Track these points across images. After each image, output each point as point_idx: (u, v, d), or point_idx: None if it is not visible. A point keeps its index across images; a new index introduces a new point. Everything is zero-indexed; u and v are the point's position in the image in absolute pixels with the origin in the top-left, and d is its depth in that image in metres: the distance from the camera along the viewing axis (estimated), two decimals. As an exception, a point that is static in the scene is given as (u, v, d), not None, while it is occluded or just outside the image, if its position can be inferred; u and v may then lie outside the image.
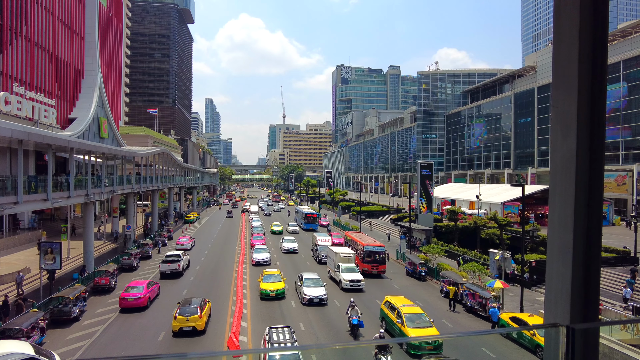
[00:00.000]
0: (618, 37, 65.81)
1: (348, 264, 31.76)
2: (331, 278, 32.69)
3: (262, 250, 39.27)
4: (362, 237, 40.08)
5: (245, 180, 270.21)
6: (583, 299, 1.85)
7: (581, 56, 1.85)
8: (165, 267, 32.73)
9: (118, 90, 78.27)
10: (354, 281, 29.65)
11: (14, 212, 28.81)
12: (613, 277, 29.70)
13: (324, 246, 39.80)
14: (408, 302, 22.39)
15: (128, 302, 24.23)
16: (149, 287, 25.90)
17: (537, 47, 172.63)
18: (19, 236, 39.65)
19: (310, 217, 63.55)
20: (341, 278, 30.03)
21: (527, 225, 35.97)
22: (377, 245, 35.77)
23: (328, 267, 34.66)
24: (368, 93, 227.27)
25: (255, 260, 37.44)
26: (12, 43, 39.16)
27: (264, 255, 38.13)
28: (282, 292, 27.41)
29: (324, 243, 40.56)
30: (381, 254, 34.88)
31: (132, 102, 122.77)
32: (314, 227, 61.61)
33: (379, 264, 34.46)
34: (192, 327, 20.71)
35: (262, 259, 37.45)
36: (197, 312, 20.92)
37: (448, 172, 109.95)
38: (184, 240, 45.04)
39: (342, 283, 29.71)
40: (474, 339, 19.18)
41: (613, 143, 60.34)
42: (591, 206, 1.88)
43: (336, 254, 32.72)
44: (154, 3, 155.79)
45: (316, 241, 41.45)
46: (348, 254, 33.02)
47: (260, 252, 38.76)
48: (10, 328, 18.34)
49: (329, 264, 34.68)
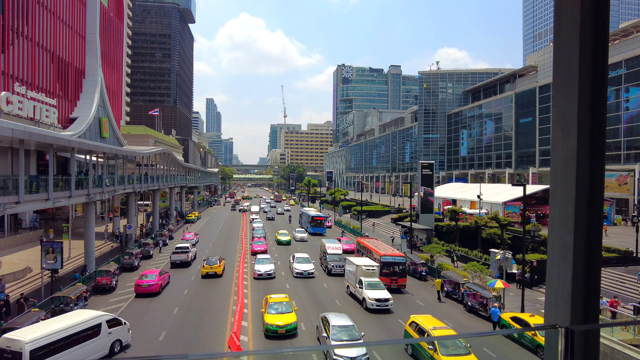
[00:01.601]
0: (619, 37, 65.68)
1: (372, 278, 27.15)
2: (351, 295, 28.24)
3: (265, 261, 33.87)
4: (377, 245, 35.23)
5: (246, 180, 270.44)
6: (583, 300, 1.84)
7: (582, 56, 1.85)
8: (175, 257, 36.87)
9: (119, 90, 78.37)
10: (381, 300, 25.02)
11: (15, 212, 28.86)
12: (614, 277, 29.65)
13: (334, 255, 35.62)
14: (439, 323, 19.29)
15: (143, 288, 27.45)
16: (160, 275, 29.12)
17: (539, 47, 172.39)
18: (21, 236, 39.74)
19: (317, 220, 58.54)
20: (365, 296, 25.54)
21: (528, 225, 35.93)
22: (396, 256, 31.49)
23: (346, 281, 29.97)
24: (369, 93, 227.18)
25: (258, 272, 32.21)
26: (13, 43, 39.21)
27: (268, 267, 32.85)
28: (293, 327, 20.82)
29: (333, 251, 36.15)
30: (401, 265, 30.80)
31: (133, 102, 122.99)
32: (321, 231, 57.37)
33: (398, 277, 30.14)
34: (214, 272, 32.71)
35: (265, 272, 32.29)
36: (217, 263, 33.22)
37: (449, 172, 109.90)
38: (189, 236, 47.91)
39: (367, 302, 25.18)
40: (475, 338, 19.12)
41: (614, 143, 60.24)
42: (592, 206, 1.87)
43: (357, 266, 27.99)
44: (155, 3, 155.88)
45: (325, 249, 36.90)
46: (371, 267, 28.24)
47: (263, 263, 33.45)
48: (12, 327, 18.36)
49: (347, 277, 29.92)
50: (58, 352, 15.67)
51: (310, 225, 58.48)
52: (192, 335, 20.91)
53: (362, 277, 27.15)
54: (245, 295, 27.58)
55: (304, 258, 35.12)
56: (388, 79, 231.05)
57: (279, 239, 49.42)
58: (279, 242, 48.84)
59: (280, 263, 38.03)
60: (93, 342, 17.64)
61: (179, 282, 31.56)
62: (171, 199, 71.40)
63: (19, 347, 14.71)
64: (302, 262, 34.32)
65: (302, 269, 33.19)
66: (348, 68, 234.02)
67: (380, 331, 21.89)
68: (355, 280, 27.73)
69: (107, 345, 18.43)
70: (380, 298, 25.16)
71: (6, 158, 36.02)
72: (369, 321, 23.31)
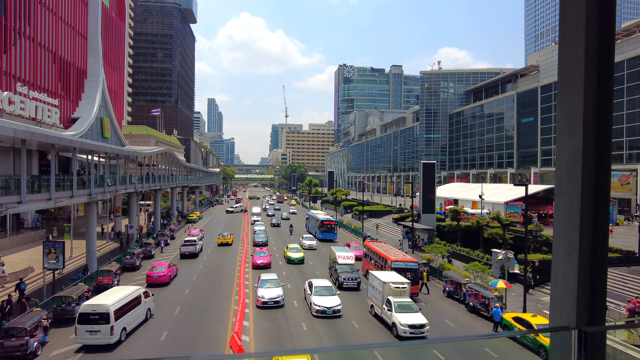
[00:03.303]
0: (622, 36, 65.48)
1: (402, 298, 22.76)
2: (375, 316, 24.04)
3: (271, 283, 26.40)
4: (387, 250, 32.32)
5: (248, 180, 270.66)
6: (590, 300, 1.82)
7: (587, 53, 1.83)
8: (184, 249, 40.73)
9: (121, 90, 78.49)
10: (416, 327, 20.66)
11: (17, 212, 28.91)
12: (617, 277, 29.56)
13: (346, 265, 31.27)
14: None
15: (153, 278, 29.90)
16: (169, 267, 31.67)
17: (540, 46, 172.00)
18: (23, 235, 39.84)
19: (326, 225, 52.60)
20: (395, 321, 21.27)
21: (530, 225, 35.83)
22: (408, 261, 29.08)
23: (369, 299, 25.41)
24: (370, 92, 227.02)
25: (262, 300, 24.94)
26: (15, 43, 39.30)
27: (274, 291, 25.51)
28: None
29: (345, 261, 31.86)
30: (414, 271, 28.36)
31: (134, 102, 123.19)
32: (332, 237, 51.76)
33: (411, 284, 26.71)
34: (226, 242, 46.75)
35: (271, 299, 24.98)
36: (228, 236, 47.62)
37: (451, 172, 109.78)
38: (195, 232, 50.55)
39: (398, 329, 20.93)
40: (478, 340, 19.05)
41: (617, 142, 60.08)
42: (598, 206, 1.84)
43: (384, 283, 23.50)
44: (156, 3, 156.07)
45: (335, 258, 32.70)
46: (402, 285, 23.58)
47: (268, 285, 26.15)
48: (14, 327, 18.40)
49: (371, 295, 25.20)
50: (123, 315, 20.22)
51: (319, 231, 52.94)
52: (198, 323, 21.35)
53: (391, 297, 22.70)
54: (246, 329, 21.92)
55: (326, 287, 25.54)
56: (389, 79, 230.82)
57: (289, 256, 38.53)
58: (290, 261, 38.23)
59: (291, 286, 30.37)
60: (138, 308, 21.91)
61: (185, 275, 33.79)
62: (173, 198, 71.47)
63: (105, 309, 19.22)
64: (324, 292, 24.96)
65: (323, 305, 23.74)
66: (349, 68, 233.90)
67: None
68: (381, 300, 23.43)
69: (144, 311, 22.71)
70: (414, 324, 20.78)
71: (8, 158, 36.08)
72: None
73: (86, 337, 19.05)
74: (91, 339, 19.03)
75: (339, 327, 22.59)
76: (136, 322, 21.63)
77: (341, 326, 22.63)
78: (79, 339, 19.14)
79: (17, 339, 17.92)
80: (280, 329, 22.09)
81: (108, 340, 19.08)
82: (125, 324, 20.38)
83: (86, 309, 19.42)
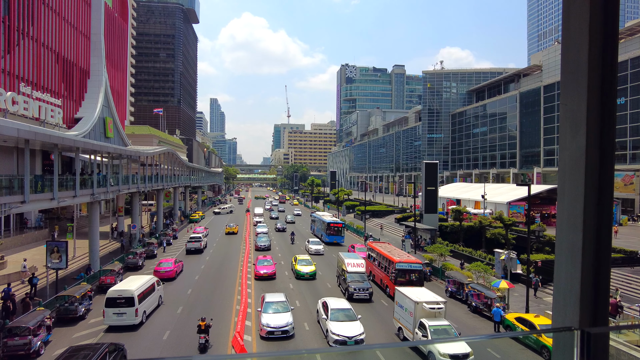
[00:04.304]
0: (625, 36, 65.19)
1: (439, 322, 19.51)
2: (405, 339, 20.85)
3: (278, 306, 21.80)
4: (391, 250, 31.81)
5: (250, 180, 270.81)
6: (593, 301, 1.81)
7: (591, 52, 1.81)
8: (190, 245, 42.83)
9: (123, 90, 78.72)
10: (459, 357, 17.34)
11: (20, 211, 29.02)
12: (621, 277, 29.45)
13: (356, 274, 28.21)
14: None
15: (161, 273, 31.11)
16: (175, 263, 33.41)
17: (543, 46, 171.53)
18: (26, 235, 40.01)
19: (333, 227, 50.36)
20: (433, 350, 17.62)
21: (532, 225, 35.74)
22: (412, 262, 28.50)
23: (396, 320, 21.94)
24: (373, 92, 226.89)
25: (267, 329, 20.39)
26: (19, 43, 39.46)
27: (282, 318, 20.90)
28: None
29: (355, 269, 28.61)
30: (418, 272, 27.97)
31: (137, 102, 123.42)
32: (339, 240, 49.55)
33: (415, 285, 26.57)
34: (232, 231, 55.26)
35: (278, 327, 20.44)
36: (234, 226, 56.38)
37: (453, 172, 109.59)
38: (200, 229, 51.73)
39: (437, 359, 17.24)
40: (480, 339, 18.95)
41: (620, 142, 59.84)
42: (601, 205, 1.83)
43: (415, 303, 20.10)
44: (159, 3, 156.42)
45: (344, 266, 29.30)
46: (437, 305, 20.42)
47: (274, 309, 21.56)
48: (17, 326, 18.48)
49: (398, 316, 21.75)
50: (143, 299, 22.58)
51: (325, 234, 50.71)
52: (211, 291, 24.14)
53: (425, 320, 19.46)
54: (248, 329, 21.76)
55: (345, 311, 21.21)
56: (392, 79, 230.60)
57: (298, 270, 32.99)
58: (299, 276, 32.75)
59: (300, 302, 26.57)
60: (153, 295, 24.37)
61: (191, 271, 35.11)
62: (175, 198, 71.61)
63: (130, 294, 21.54)
64: (343, 317, 20.78)
65: (343, 334, 19.61)
66: (352, 68, 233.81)
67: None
68: (412, 323, 20.09)
69: (157, 298, 25.19)
70: (457, 354, 17.22)
71: (12, 158, 36.23)
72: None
73: (114, 319, 21.24)
74: (118, 320, 21.23)
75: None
76: (152, 306, 24.11)
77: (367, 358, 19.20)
78: (107, 321, 21.35)
79: (20, 338, 18.01)
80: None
81: (133, 321, 21.35)
82: (145, 308, 22.73)
83: (113, 294, 21.56)
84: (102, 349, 15.91)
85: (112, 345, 16.96)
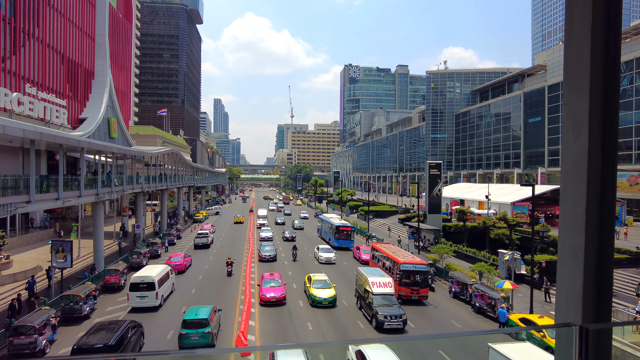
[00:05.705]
0: (631, 35, 64.74)
1: None
2: None
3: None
4: (395, 251, 31.16)
5: (254, 180, 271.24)
6: (595, 299, 1.82)
7: (593, 53, 1.82)
8: (198, 240, 45.66)
9: (128, 91, 79.07)
10: None
11: (26, 211, 29.22)
12: (625, 278, 29.26)
13: (382, 296, 22.87)
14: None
15: (171, 267, 31.60)
16: (184, 257, 35.69)
17: (548, 46, 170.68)
18: (32, 234, 40.27)
19: (343, 231, 46.52)
20: None
21: (537, 226, 35.57)
22: (417, 263, 27.74)
23: None
24: (376, 92, 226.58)
25: None
26: (24, 45, 39.74)
27: None
28: None
29: (381, 290, 23.31)
30: (423, 274, 27.26)
31: (141, 102, 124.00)
32: (348, 245, 46.14)
33: (420, 287, 26.62)
34: (239, 221, 69.49)
35: None
36: (241, 217, 71.36)
37: (457, 172, 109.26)
38: (207, 227, 54.12)
39: None
40: (481, 338, 18.90)
41: (625, 142, 59.44)
42: (603, 206, 1.84)
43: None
44: (163, 4, 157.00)
45: (367, 285, 23.98)
46: None
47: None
48: (23, 325, 18.62)
49: None
50: (161, 284, 25.47)
51: (333, 238, 47.31)
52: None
53: None
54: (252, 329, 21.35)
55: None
56: (395, 79, 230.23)
57: (314, 295, 25.68)
58: (315, 302, 25.50)
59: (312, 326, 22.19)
60: (168, 281, 27.18)
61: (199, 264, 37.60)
62: (179, 198, 71.85)
63: (151, 279, 24.47)
64: None
65: None
66: (355, 68, 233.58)
67: None
68: None
69: (171, 285, 27.93)
70: None
71: (17, 158, 36.50)
72: None
73: (137, 301, 24.28)
74: (141, 302, 24.26)
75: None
76: (167, 292, 27.07)
77: None
78: (131, 303, 24.33)
79: (26, 337, 18.15)
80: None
81: (154, 303, 24.38)
82: (162, 292, 25.65)
83: (136, 280, 24.54)
84: (125, 324, 18.40)
85: (132, 322, 19.27)
